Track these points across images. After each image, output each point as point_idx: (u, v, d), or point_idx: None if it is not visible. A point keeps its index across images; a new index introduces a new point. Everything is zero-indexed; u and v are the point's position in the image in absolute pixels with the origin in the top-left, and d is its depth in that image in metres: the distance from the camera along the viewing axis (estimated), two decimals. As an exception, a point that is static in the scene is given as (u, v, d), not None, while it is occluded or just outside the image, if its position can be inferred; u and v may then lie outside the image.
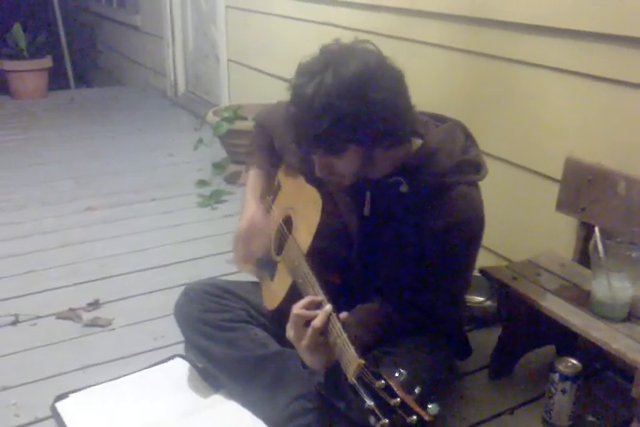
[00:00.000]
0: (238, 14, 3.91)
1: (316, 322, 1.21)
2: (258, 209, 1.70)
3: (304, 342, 1.24)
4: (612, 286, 1.49)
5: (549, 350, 1.84)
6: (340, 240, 1.49)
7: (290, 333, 1.28)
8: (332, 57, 1.26)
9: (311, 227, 1.46)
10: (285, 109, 1.33)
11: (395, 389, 0.96)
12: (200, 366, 1.76)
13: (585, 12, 1.75)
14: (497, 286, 1.79)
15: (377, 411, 0.94)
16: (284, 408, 1.50)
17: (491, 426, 1.63)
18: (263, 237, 1.65)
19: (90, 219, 2.89)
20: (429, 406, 0.95)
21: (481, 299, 2.08)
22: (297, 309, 1.27)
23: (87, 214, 2.94)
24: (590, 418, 1.63)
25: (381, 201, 1.43)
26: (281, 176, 1.74)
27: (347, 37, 1.33)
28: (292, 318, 1.27)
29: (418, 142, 1.42)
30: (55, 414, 1.64)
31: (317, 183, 1.50)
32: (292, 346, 1.33)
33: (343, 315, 1.22)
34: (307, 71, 1.27)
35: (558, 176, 1.87)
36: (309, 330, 1.22)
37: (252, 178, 1.76)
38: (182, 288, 1.73)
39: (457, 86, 2.29)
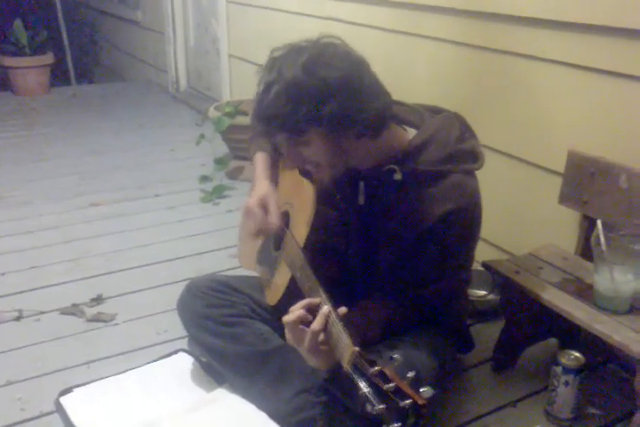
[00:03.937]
0: (239, 9, 3.90)
1: (315, 326, 1.20)
2: (269, 186, 1.65)
3: (305, 345, 1.23)
4: (615, 279, 1.49)
5: (552, 343, 1.85)
6: (337, 232, 1.48)
7: (288, 336, 1.28)
8: (291, 49, 1.30)
9: (307, 219, 1.45)
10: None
11: (388, 374, 0.96)
12: (204, 360, 1.77)
13: (588, 5, 1.74)
14: (499, 280, 1.79)
15: (372, 397, 0.95)
16: (289, 402, 1.51)
17: (493, 419, 1.64)
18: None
19: (93, 214, 2.89)
20: (422, 389, 0.95)
21: (483, 292, 2.09)
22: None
23: (91, 210, 2.95)
24: (593, 410, 1.64)
25: (376, 190, 1.42)
26: (280, 173, 1.74)
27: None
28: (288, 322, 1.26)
29: (412, 132, 1.42)
30: (60, 409, 1.65)
31: (312, 176, 1.49)
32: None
33: (342, 310, 1.21)
34: (269, 64, 1.31)
35: (561, 169, 1.87)
36: (308, 333, 1.21)
37: (260, 160, 1.73)
38: (185, 283, 1.74)
39: (459, 80, 2.29)
